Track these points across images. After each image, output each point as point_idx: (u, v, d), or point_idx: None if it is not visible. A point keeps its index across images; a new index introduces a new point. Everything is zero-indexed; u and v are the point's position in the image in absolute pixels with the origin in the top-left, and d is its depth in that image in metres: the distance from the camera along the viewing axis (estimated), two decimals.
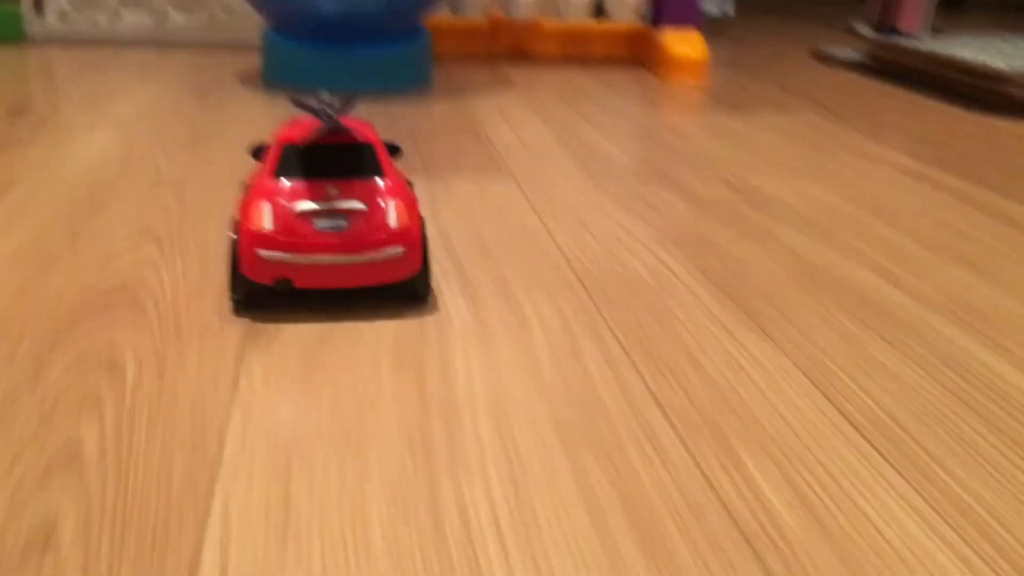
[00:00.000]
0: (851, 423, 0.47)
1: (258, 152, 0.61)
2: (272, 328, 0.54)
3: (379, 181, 0.56)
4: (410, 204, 0.57)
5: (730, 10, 1.74)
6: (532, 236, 0.71)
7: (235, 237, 0.56)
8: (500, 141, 1.00)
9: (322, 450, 0.42)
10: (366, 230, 0.55)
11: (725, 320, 0.58)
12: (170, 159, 0.88)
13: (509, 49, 1.58)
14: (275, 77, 1.27)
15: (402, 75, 1.27)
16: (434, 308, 0.58)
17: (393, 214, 0.56)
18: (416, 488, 0.40)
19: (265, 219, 0.54)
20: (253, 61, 1.41)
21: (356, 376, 0.49)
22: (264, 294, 0.57)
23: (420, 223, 0.58)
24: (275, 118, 1.06)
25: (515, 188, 0.83)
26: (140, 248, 0.65)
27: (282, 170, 0.56)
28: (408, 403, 0.47)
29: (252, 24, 1.56)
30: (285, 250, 0.54)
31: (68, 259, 0.63)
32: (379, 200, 0.56)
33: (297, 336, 0.53)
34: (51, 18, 1.54)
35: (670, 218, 0.77)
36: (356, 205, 0.55)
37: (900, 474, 0.43)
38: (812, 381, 0.51)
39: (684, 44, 1.39)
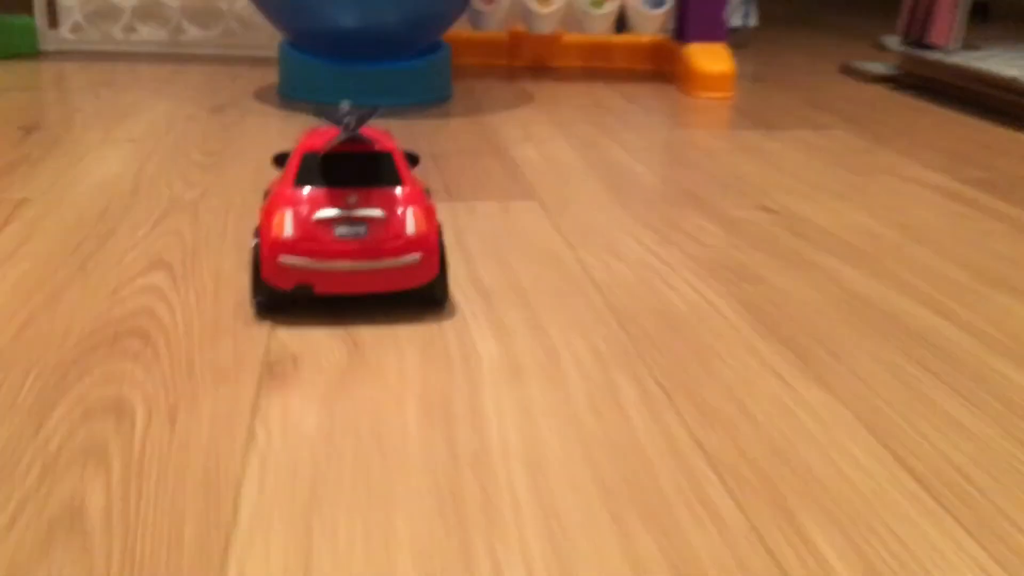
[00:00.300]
0: (919, 481, 0.43)
1: (281, 160, 0.62)
2: (289, 365, 0.51)
3: (397, 189, 0.58)
4: (427, 212, 0.58)
5: (753, 21, 1.70)
6: (561, 264, 0.68)
7: (257, 242, 0.57)
8: (523, 160, 0.97)
9: (345, 512, 0.39)
10: (384, 237, 0.56)
11: (772, 360, 0.54)
12: (184, 180, 0.85)
13: (530, 63, 1.55)
14: (292, 92, 1.24)
15: (421, 90, 1.24)
16: (461, 343, 0.55)
17: (411, 222, 0.57)
18: (448, 557, 0.37)
19: (286, 226, 0.55)
20: (269, 75, 1.39)
21: (380, 424, 0.46)
22: (285, 299, 0.57)
23: (437, 230, 0.59)
24: (292, 135, 1.03)
25: (541, 211, 0.80)
26: (151, 279, 0.62)
27: (303, 178, 0.57)
28: (437, 456, 0.43)
29: (268, 37, 1.54)
30: (306, 256, 0.55)
31: (76, 290, 0.60)
32: (397, 208, 0.57)
33: (316, 375, 0.50)
34: (65, 31, 1.52)
35: (705, 245, 0.73)
36: (375, 213, 0.56)
37: (976, 540, 0.39)
38: (872, 432, 0.47)
39: (710, 58, 1.36)
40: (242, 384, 0.49)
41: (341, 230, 0.56)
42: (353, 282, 0.57)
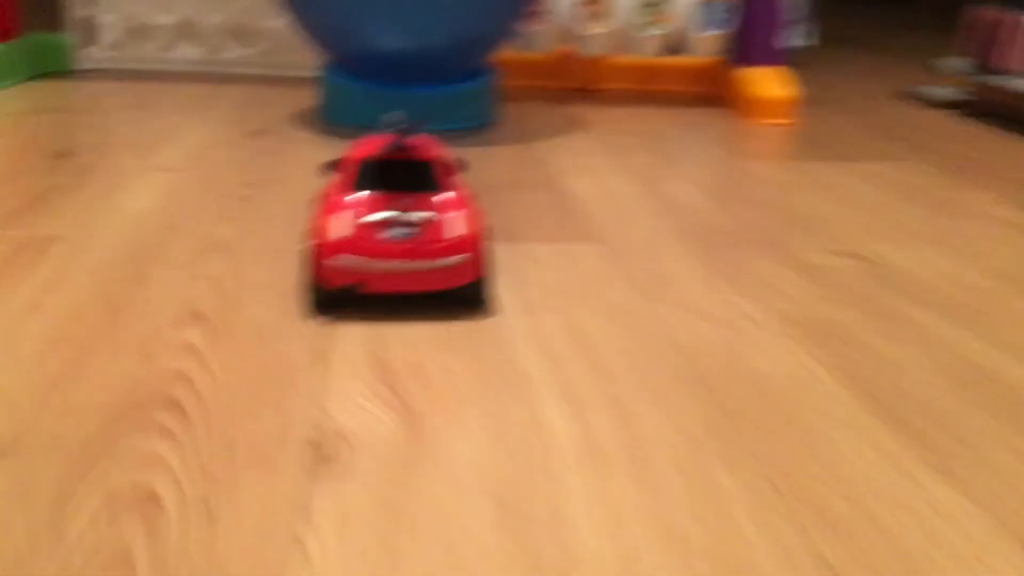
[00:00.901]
0: None
1: (332, 166, 0.66)
2: (340, 445, 0.45)
3: (445, 194, 0.61)
4: (472, 215, 0.61)
5: (815, 39, 1.63)
6: (636, 321, 0.62)
7: (312, 244, 0.59)
8: (581, 195, 0.91)
9: None
10: (431, 239, 0.59)
11: (890, 446, 0.47)
12: (221, 215, 0.79)
13: (578, 85, 1.49)
14: (334, 116, 1.19)
15: (468, 115, 1.18)
16: (534, 419, 0.48)
17: (457, 224, 0.60)
18: None
19: (340, 227, 0.58)
20: (310, 96, 1.34)
21: (450, 530, 0.39)
22: (337, 297, 0.60)
23: (482, 233, 0.61)
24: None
25: (607, 256, 0.74)
26: (186, 334, 0.56)
27: (357, 183, 0.61)
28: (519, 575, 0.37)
29: (308, 56, 1.49)
30: (357, 256, 0.58)
31: (105, 349, 0.54)
32: (444, 212, 0.60)
33: (370, 460, 0.44)
34: (101, 48, 1.48)
35: (791, 298, 0.67)
36: (424, 216, 0.59)
37: None
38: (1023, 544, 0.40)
39: (770, 82, 1.29)
40: (288, 473, 0.43)
41: (391, 232, 0.59)
42: (401, 281, 0.59)
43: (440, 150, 0.62)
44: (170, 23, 1.48)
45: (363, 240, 0.58)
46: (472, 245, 0.60)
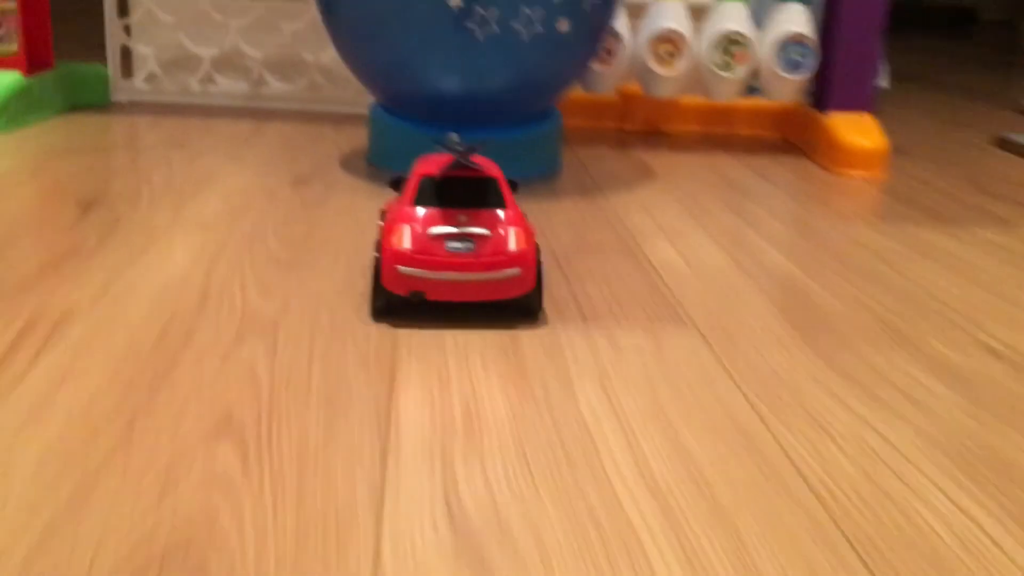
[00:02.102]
0: None
1: (397, 183, 0.70)
2: None
3: (501, 211, 0.65)
4: (527, 232, 0.66)
5: (885, 81, 1.52)
6: (751, 443, 0.51)
7: (378, 256, 0.65)
8: (660, 261, 0.80)
9: None
10: (490, 252, 0.64)
11: None
12: (260, 284, 0.70)
13: (641, 127, 1.39)
14: (382, 161, 1.09)
15: (529, 163, 1.09)
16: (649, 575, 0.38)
17: (513, 240, 0.64)
18: None
19: (405, 240, 0.63)
20: (357, 136, 1.25)
21: None
22: (401, 303, 0.65)
23: (535, 248, 0.66)
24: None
25: (703, 347, 0.63)
26: (215, 457, 0.47)
27: (420, 199, 0.65)
28: None
29: (355, 92, 1.41)
30: (420, 267, 0.63)
31: (114, 475, 0.45)
32: (501, 228, 0.64)
33: None
34: (139, 80, 1.40)
35: (932, 413, 0.56)
36: (482, 231, 0.64)
37: None
38: None
39: (857, 130, 1.18)
40: None
41: (452, 245, 0.63)
42: (460, 291, 0.64)
43: (498, 170, 0.67)
44: (210, 55, 1.40)
45: (426, 252, 0.63)
46: (526, 259, 0.65)
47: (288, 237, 0.82)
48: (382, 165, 1.09)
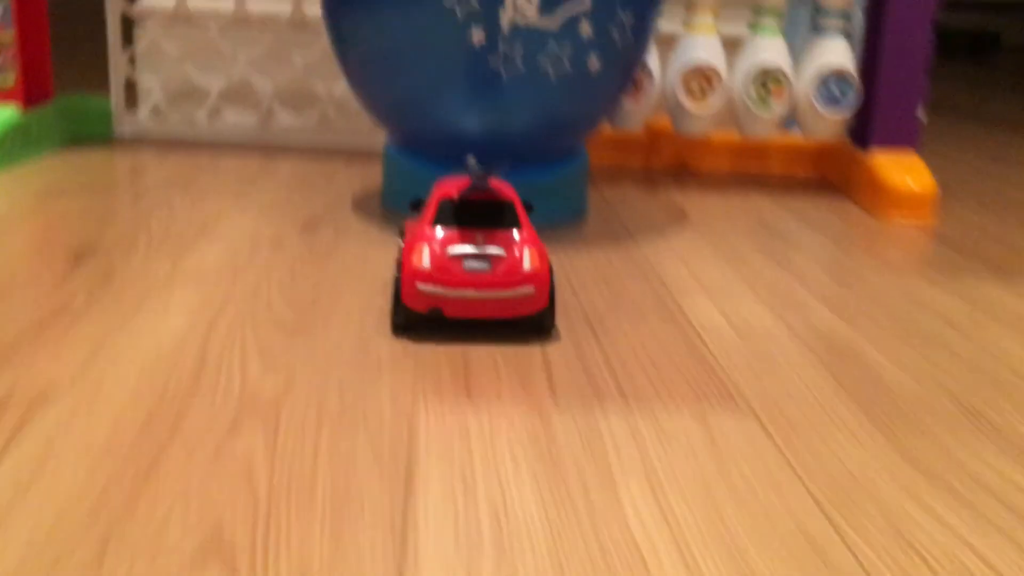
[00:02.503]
0: None
1: (417, 205, 0.75)
2: None
3: (516, 232, 0.68)
4: (541, 252, 0.68)
5: (921, 115, 1.45)
6: (828, 562, 0.44)
7: (399, 274, 0.67)
8: (703, 323, 0.73)
9: None
10: (505, 272, 0.66)
11: None
12: (262, 354, 0.63)
13: (670, 164, 1.32)
14: (397, 204, 1.03)
15: (554, 208, 1.02)
16: None
17: (527, 259, 0.67)
18: None
19: (424, 259, 0.66)
20: (370, 175, 1.18)
21: None
22: (420, 319, 0.67)
23: (548, 268, 0.68)
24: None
25: (760, 434, 0.56)
26: None
27: (439, 219, 0.68)
28: None
29: (368, 127, 1.35)
30: (439, 284, 0.66)
31: None
32: (516, 248, 0.67)
33: None
34: (144, 114, 1.34)
35: None
36: (498, 251, 0.67)
37: None
38: None
39: (903, 170, 1.11)
40: None
41: (469, 264, 0.66)
42: (477, 308, 0.67)
43: (513, 193, 0.70)
44: (218, 87, 1.34)
45: (445, 270, 0.66)
46: (540, 278, 0.68)
47: (294, 295, 0.75)
48: (396, 208, 1.02)
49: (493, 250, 0.66)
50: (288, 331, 0.67)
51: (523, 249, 0.67)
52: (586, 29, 0.89)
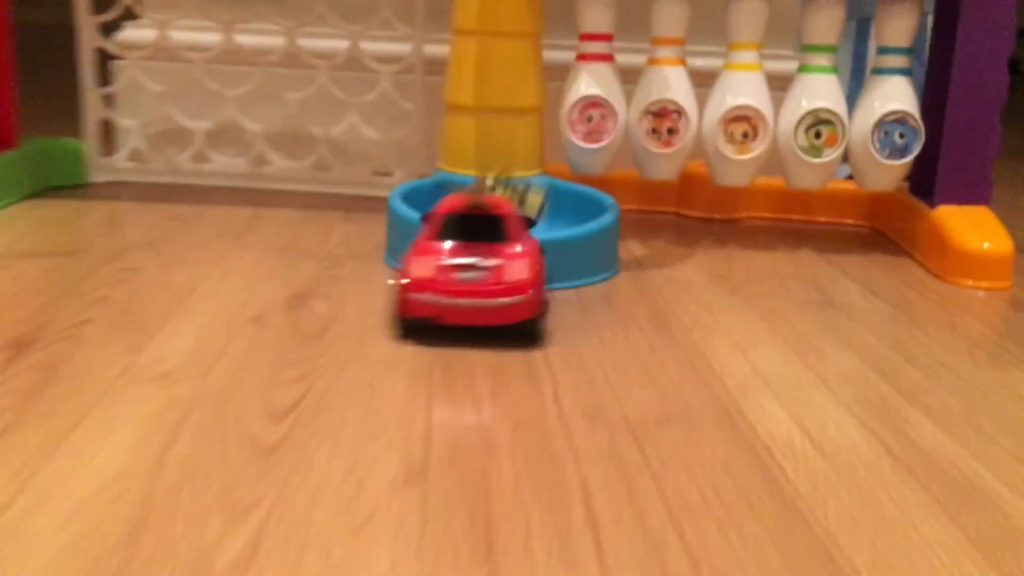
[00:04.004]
0: None
1: (429, 217, 0.77)
2: None
3: (509, 246, 0.74)
4: (532, 262, 0.73)
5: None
6: None
7: (399, 282, 0.72)
8: (775, 438, 0.59)
9: None
10: (496, 282, 0.72)
11: None
12: (227, 493, 0.49)
13: (704, 212, 1.19)
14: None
15: (582, 269, 0.89)
16: None
17: (518, 270, 0.72)
18: None
19: (424, 269, 0.72)
20: (371, 227, 1.05)
21: None
22: (419, 325, 0.72)
23: (540, 276, 0.74)
24: (408, 364, 0.68)
25: None
26: None
27: (440, 233, 0.74)
28: None
29: (368, 172, 1.22)
30: (436, 293, 0.71)
31: None
32: (508, 259, 0.73)
33: None
34: (122, 157, 1.22)
35: None
36: (491, 262, 0.72)
37: None
38: None
39: (974, 229, 0.98)
40: None
41: (464, 275, 0.72)
42: (472, 315, 0.71)
43: (511, 208, 0.76)
44: (204, 128, 1.21)
45: (442, 280, 0.71)
46: (528, 288, 0.71)
47: (276, 399, 0.61)
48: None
49: (487, 262, 0.72)
50: (262, 456, 0.54)
51: (515, 260, 0.72)
52: None
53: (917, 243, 1.05)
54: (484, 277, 0.71)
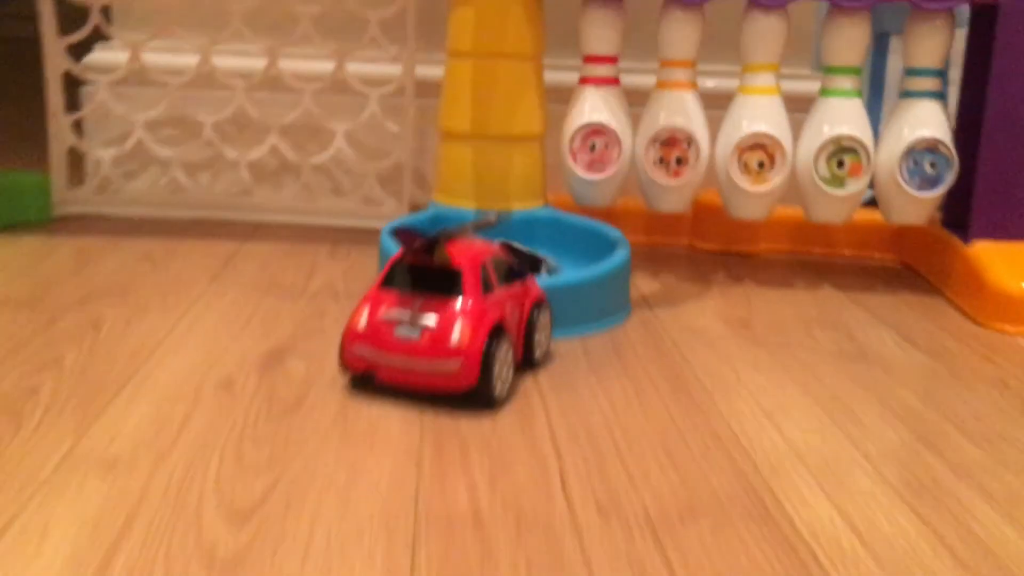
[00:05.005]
0: None
1: (406, 237, 0.68)
2: None
3: (456, 302, 0.65)
4: (476, 325, 0.64)
5: None
6: None
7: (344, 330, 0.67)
8: (811, 527, 0.51)
9: None
10: (431, 343, 0.64)
11: None
12: None
13: (719, 246, 1.11)
14: None
15: (589, 314, 0.81)
16: None
17: (457, 332, 0.64)
18: None
19: (362, 320, 0.66)
20: (359, 264, 0.97)
21: None
22: (358, 379, 0.67)
23: (484, 342, 0.64)
24: (401, 438, 0.60)
25: None
26: None
27: (387, 281, 0.67)
28: None
29: (358, 202, 1.14)
30: (371, 347, 0.65)
31: None
32: (449, 318, 0.64)
33: None
34: (91, 189, 1.13)
35: None
36: (429, 320, 0.64)
37: None
38: None
39: (1013, 267, 0.90)
40: None
41: (400, 331, 0.65)
42: (406, 376, 0.65)
43: (477, 258, 0.67)
44: (180, 157, 1.13)
45: (376, 334, 0.65)
46: (466, 353, 0.63)
47: (240, 492, 0.53)
48: None
49: (425, 319, 0.64)
50: (220, 566, 0.46)
51: (456, 320, 0.64)
52: None
53: (950, 281, 0.97)
54: (418, 335, 0.64)
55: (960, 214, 0.96)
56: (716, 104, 0.98)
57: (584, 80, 0.98)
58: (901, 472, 0.59)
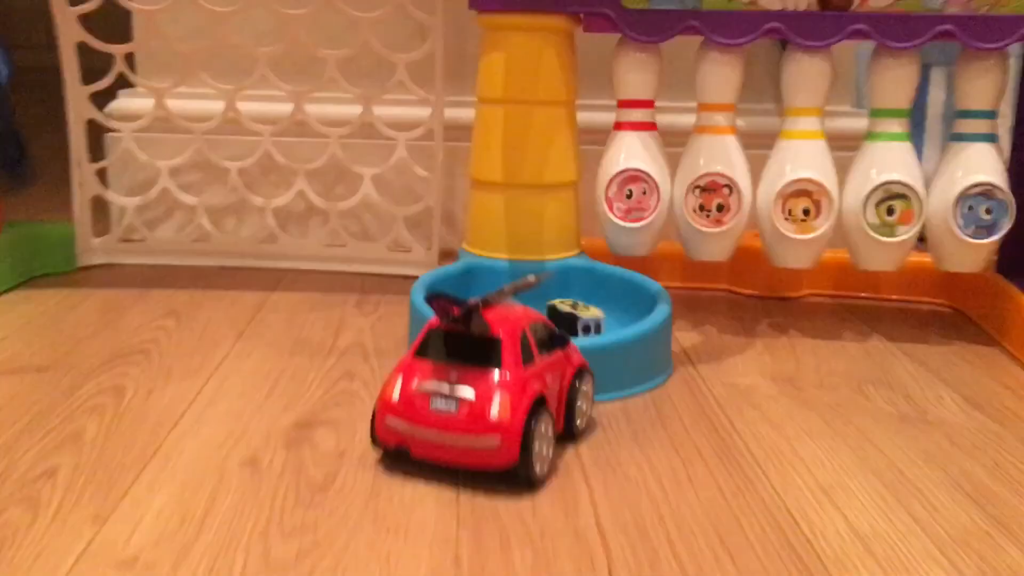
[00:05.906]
0: None
1: (440, 301, 0.65)
2: None
3: (495, 373, 0.61)
4: (516, 399, 0.60)
5: None
6: None
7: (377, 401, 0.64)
8: None
9: None
10: (469, 417, 0.60)
11: None
12: None
13: (761, 292, 1.07)
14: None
15: (626, 377, 0.77)
16: None
17: (495, 407, 0.60)
18: None
19: (395, 391, 0.63)
20: (387, 318, 0.94)
21: None
22: (390, 454, 0.64)
23: (525, 418, 0.60)
24: (438, 536, 0.56)
25: None
26: None
27: (422, 349, 0.64)
28: None
29: (386, 248, 1.11)
30: (405, 421, 0.62)
31: None
32: (487, 391, 0.60)
33: None
34: (115, 238, 1.11)
35: None
36: (466, 393, 0.61)
37: None
38: None
39: None
40: None
41: (437, 403, 0.61)
42: (441, 452, 0.61)
43: (515, 325, 0.63)
44: (205, 204, 1.11)
45: (410, 407, 0.62)
46: (506, 429, 0.60)
47: None
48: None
49: (462, 391, 0.61)
50: None
51: (494, 394, 0.60)
52: None
53: (1008, 332, 0.92)
54: (455, 409, 0.60)
55: (1018, 261, 0.92)
56: (753, 143, 0.95)
57: (619, 125, 0.95)
58: (979, 564, 0.54)
